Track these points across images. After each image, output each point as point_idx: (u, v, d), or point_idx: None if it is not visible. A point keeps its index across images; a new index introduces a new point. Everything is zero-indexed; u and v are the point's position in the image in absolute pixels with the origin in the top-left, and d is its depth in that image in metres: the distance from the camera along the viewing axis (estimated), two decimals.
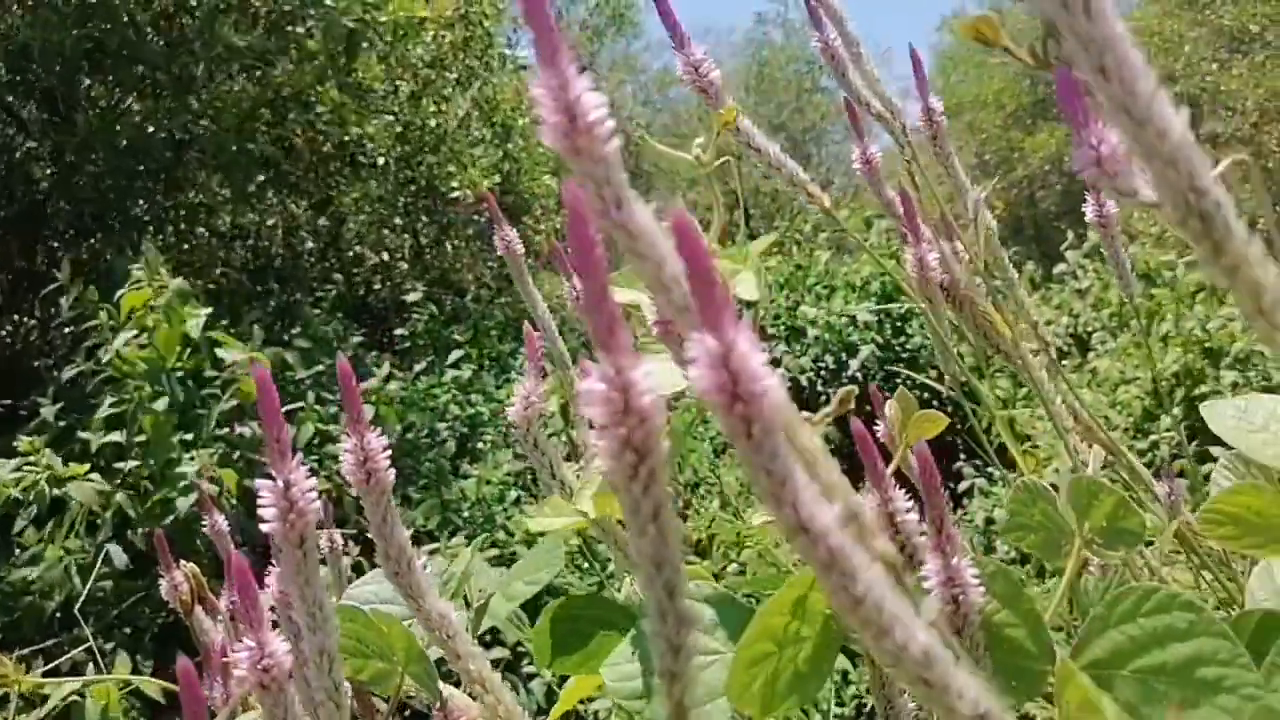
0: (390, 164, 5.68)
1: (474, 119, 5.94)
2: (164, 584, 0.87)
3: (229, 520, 0.91)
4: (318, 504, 0.47)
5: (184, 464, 2.99)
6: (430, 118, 5.71)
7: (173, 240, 5.40)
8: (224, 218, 5.77)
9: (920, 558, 0.49)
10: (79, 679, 1.29)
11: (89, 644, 1.64)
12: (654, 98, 16.35)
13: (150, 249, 3.47)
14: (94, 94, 5.22)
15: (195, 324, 3.19)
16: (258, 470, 2.92)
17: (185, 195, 5.47)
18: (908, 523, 0.50)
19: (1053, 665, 0.50)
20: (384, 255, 6.28)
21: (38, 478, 2.83)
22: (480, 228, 6.06)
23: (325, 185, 5.75)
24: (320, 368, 3.85)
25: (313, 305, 4.96)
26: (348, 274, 6.07)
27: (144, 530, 2.90)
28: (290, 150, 5.47)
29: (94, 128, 4.92)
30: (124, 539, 2.92)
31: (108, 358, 3.15)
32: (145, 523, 2.91)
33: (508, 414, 0.77)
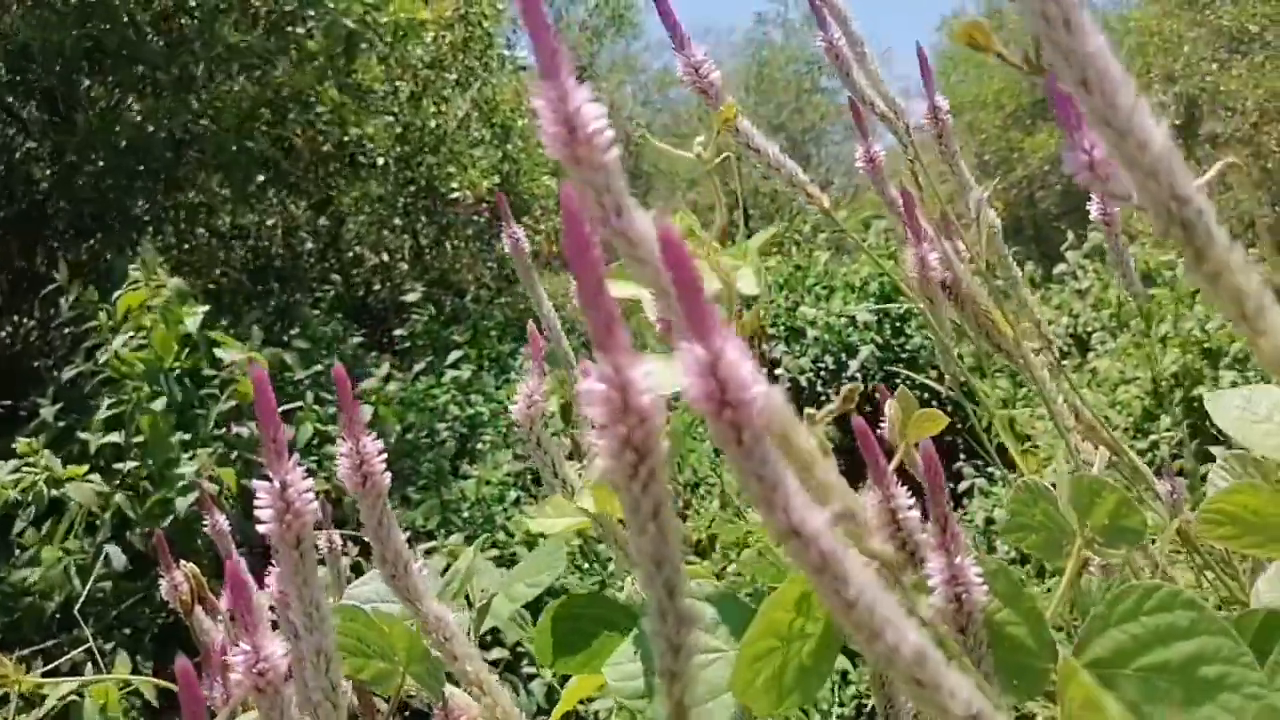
0: (390, 164, 5.68)
1: (474, 119, 5.94)
2: (164, 584, 0.87)
3: (229, 520, 0.91)
4: (315, 505, 0.47)
5: (183, 464, 2.99)
6: (430, 118, 5.71)
7: (172, 240, 5.40)
8: (224, 218, 5.77)
9: (922, 556, 0.49)
10: (78, 679, 1.29)
11: (89, 644, 1.64)
12: (654, 98, 16.38)
13: (147, 249, 3.48)
14: (94, 94, 5.22)
15: (193, 322, 3.19)
16: (256, 470, 2.92)
17: (185, 195, 5.47)
18: (909, 520, 0.50)
19: (1054, 663, 0.50)
20: (383, 256, 6.28)
21: (36, 479, 2.83)
22: (479, 228, 6.05)
23: (325, 185, 5.75)
24: (319, 368, 3.84)
25: (312, 305, 4.96)
26: (347, 274, 6.07)
27: (143, 531, 2.90)
28: (290, 150, 5.46)
29: (94, 128, 4.92)
30: (123, 540, 2.92)
31: (105, 358, 3.15)
32: (144, 523, 2.90)
33: (511, 413, 0.77)
